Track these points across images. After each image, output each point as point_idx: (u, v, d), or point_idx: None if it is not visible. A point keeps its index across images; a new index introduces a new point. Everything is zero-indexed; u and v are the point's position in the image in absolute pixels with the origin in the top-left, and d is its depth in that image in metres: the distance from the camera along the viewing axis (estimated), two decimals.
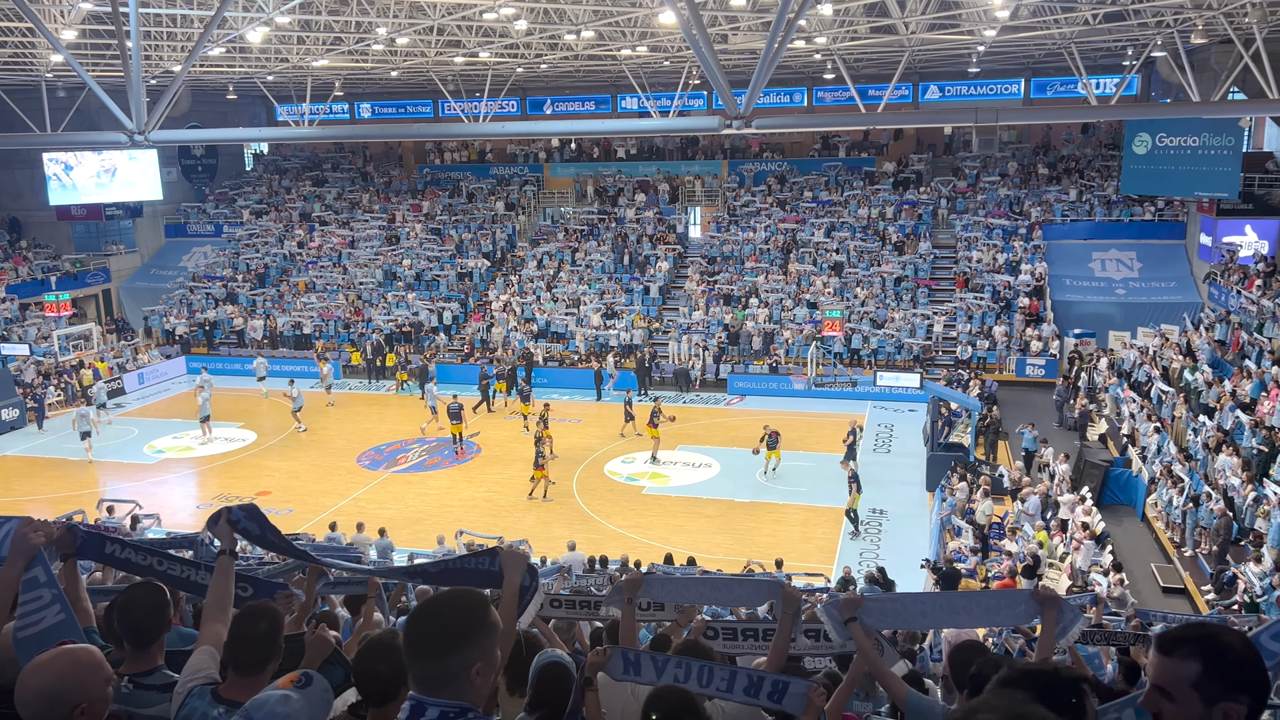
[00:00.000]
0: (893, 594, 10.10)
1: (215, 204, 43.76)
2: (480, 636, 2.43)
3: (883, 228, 35.71)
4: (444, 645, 2.38)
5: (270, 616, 3.18)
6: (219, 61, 28.42)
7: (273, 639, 3.13)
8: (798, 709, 3.52)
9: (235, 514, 3.81)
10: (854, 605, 3.77)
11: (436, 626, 2.40)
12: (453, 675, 2.39)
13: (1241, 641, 2.04)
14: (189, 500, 23.30)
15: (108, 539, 4.24)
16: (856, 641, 3.75)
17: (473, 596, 2.50)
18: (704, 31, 12.70)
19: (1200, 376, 21.90)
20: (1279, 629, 2.61)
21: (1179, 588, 16.59)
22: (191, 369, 35.17)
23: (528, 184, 42.23)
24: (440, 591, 2.52)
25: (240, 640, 3.10)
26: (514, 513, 21.57)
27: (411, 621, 2.45)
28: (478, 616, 2.44)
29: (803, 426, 26.98)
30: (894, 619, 3.96)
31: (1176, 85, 26.38)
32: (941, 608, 4.11)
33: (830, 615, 3.87)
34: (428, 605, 2.47)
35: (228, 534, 3.76)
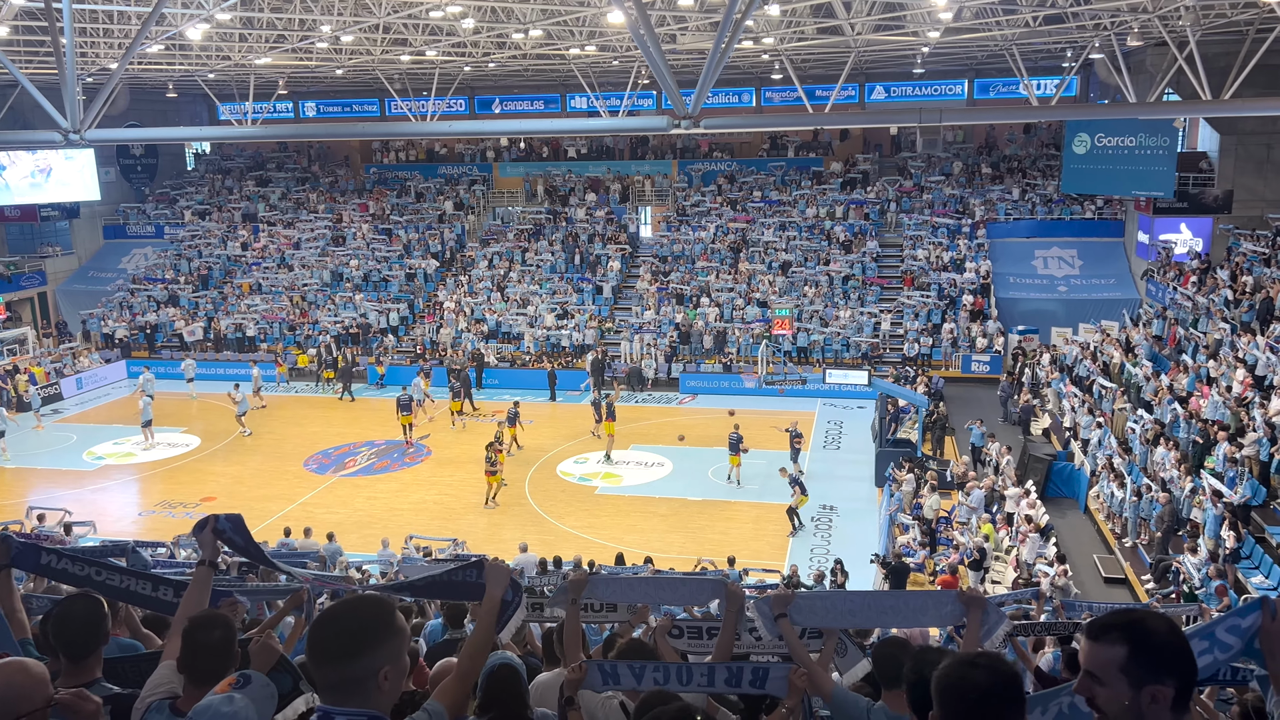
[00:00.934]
0: (822, 591, 10.21)
1: (156, 204, 42.82)
2: (386, 639, 2.39)
3: (830, 227, 36.08)
4: (349, 650, 2.34)
5: (224, 625, 3.12)
6: (158, 59, 27.81)
7: (228, 647, 3.07)
8: (781, 691, 3.56)
9: (221, 524, 3.72)
10: (784, 602, 3.80)
11: (340, 631, 2.36)
12: (359, 681, 2.35)
13: (1167, 626, 2.12)
14: (130, 508, 22.77)
15: (44, 549, 4.13)
16: (786, 638, 3.77)
17: (377, 600, 2.47)
18: (651, 31, 12.73)
19: (1139, 371, 22.45)
20: (1235, 622, 2.66)
21: (1120, 578, 16.98)
22: (132, 373, 34.42)
23: (477, 183, 41.96)
24: (344, 597, 2.48)
25: (195, 650, 3.03)
26: (466, 515, 21.41)
27: (315, 628, 2.40)
28: (383, 620, 2.40)
29: (754, 425, 27.09)
30: (823, 616, 3.99)
31: (1114, 87, 27.02)
32: (870, 607, 4.15)
33: (761, 612, 3.90)
34: (331, 610, 2.43)
35: (211, 543, 3.67)
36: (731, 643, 4.04)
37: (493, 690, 4.00)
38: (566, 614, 4.20)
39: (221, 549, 3.86)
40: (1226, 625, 2.65)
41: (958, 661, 2.22)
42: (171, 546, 16.39)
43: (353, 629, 2.36)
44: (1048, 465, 21.01)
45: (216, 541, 3.69)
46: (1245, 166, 27.40)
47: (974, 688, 2.15)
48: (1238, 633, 2.62)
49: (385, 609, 2.43)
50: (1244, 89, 20.92)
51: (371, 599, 2.48)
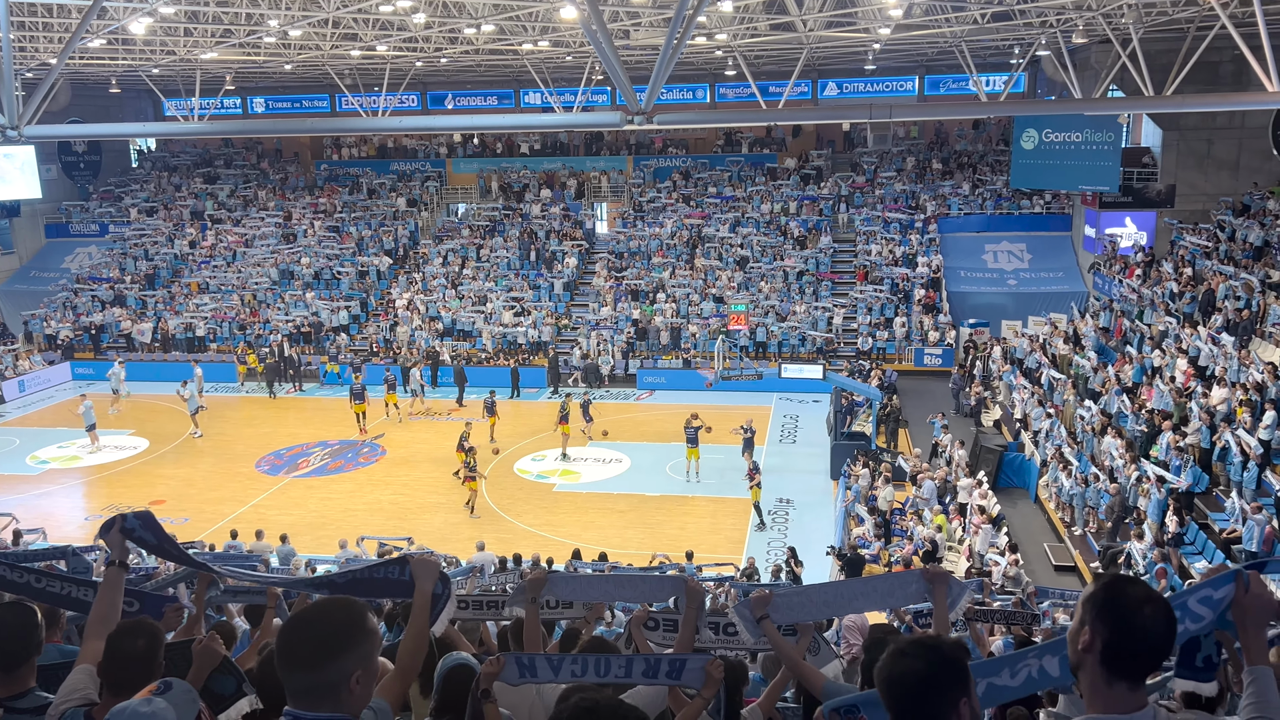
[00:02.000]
0: (797, 587, 10.30)
1: (100, 202, 41.86)
2: (360, 642, 2.36)
3: (785, 223, 36.31)
4: (321, 654, 2.31)
5: (149, 633, 3.04)
6: (100, 53, 27.19)
7: (151, 657, 2.98)
8: (697, 683, 3.55)
9: (129, 522, 3.62)
10: (764, 603, 3.81)
11: (312, 636, 2.32)
12: (332, 686, 2.31)
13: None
14: (77, 512, 22.28)
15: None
16: (770, 638, 3.79)
17: (349, 603, 2.44)
18: (604, 27, 12.70)
19: (1087, 363, 22.89)
20: (1207, 593, 2.69)
21: (1070, 565, 17.32)
22: (77, 375, 33.69)
23: (430, 180, 41.59)
24: (315, 600, 2.44)
25: (116, 659, 2.95)
26: (421, 515, 21.24)
27: (285, 632, 2.36)
28: (355, 623, 2.37)
29: (711, 420, 27.21)
30: (801, 611, 4.02)
31: (1060, 83, 27.50)
32: (842, 595, 4.20)
33: (742, 615, 3.90)
34: (302, 614, 2.39)
35: (119, 544, 3.57)
36: (692, 638, 4.05)
37: (450, 691, 3.96)
38: (526, 613, 4.17)
39: (132, 549, 3.76)
40: (1199, 596, 2.68)
41: (891, 654, 2.27)
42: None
43: (325, 633, 2.33)
44: (999, 456, 21.35)
45: (125, 542, 3.61)
46: (1187, 161, 28.04)
47: (910, 676, 2.20)
48: (1210, 604, 2.65)
49: (357, 612, 2.39)
50: (1185, 86, 21.43)
51: (344, 602, 2.44)
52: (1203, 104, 22.76)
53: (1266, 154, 26.56)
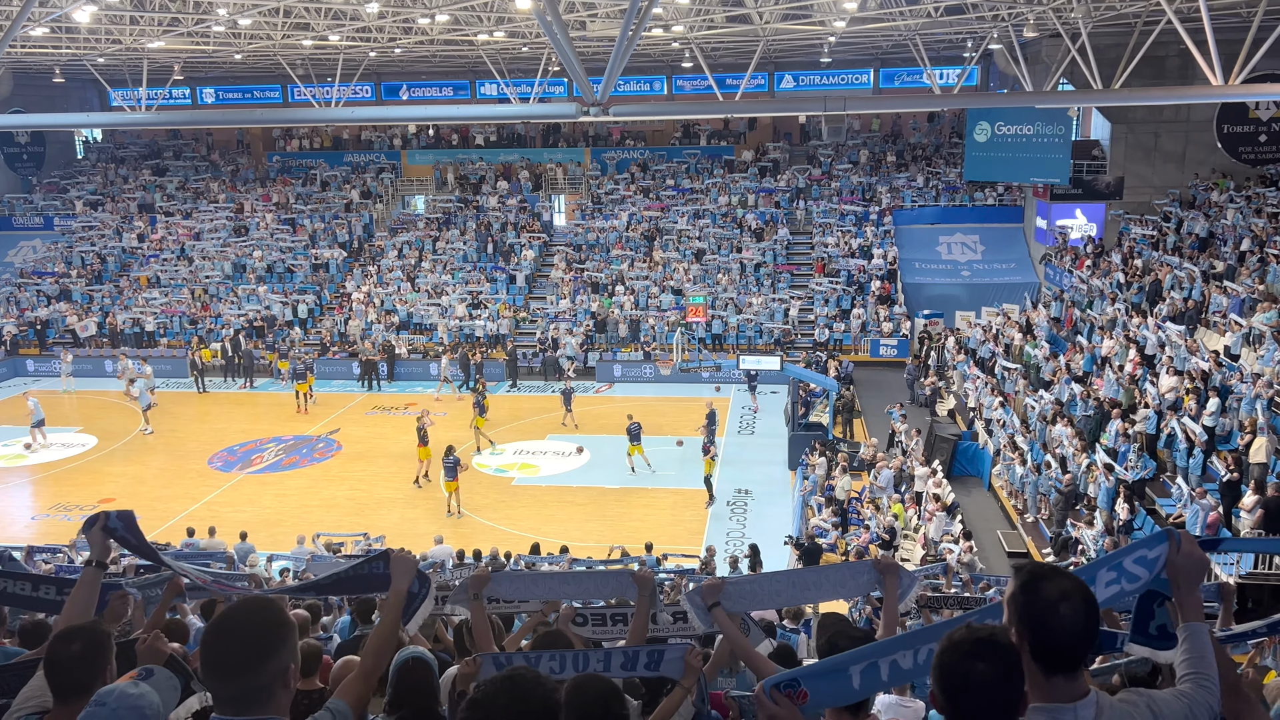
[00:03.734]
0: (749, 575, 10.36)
1: (44, 195, 40.86)
2: (286, 640, 2.34)
3: (742, 215, 36.42)
4: (252, 658, 2.27)
5: (85, 637, 2.92)
6: (43, 42, 26.50)
7: (90, 661, 2.87)
8: (676, 672, 3.57)
9: (112, 521, 3.56)
10: (715, 591, 3.82)
11: (238, 643, 2.28)
12: (265, 687, 2.28)
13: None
14: (23, 511, 21.76)
15: None
16: (721, 626, 3.80)
17: (268, 602, 2.40)
18: (559, 18, 12.63)
19: (1038, 352, 23.25)
20: (1142, 554, 2.74)
21: (1022, 552, 17.60)
22: (19, 372, 32.91)
23: (384, 171, 41.12)
24: (230, 606, 2.39)
25: (55, 664, 2.86)
26: (378, 510, 21.03)
27: (210, 641, 2.30)
28: (279, 621, 2.34)
29: (670, 412, 27.31)
30: (753, 600, 4.04)
31: (1012, 77, 27.87)
32: (795, 584, 4.22)
33: (693, 602, 3.91)
34: (223, 622, 2.33)
35: (100, 542, 3.50)
36: (645, 627, 4.04)
37: (404, 685, 3.91)
38: (472, 610, 4.14)
39: (113, 548, 3.69)
40: (1134, 557, 2.73)
41: (960, 652, 2.18)
42: (69, 551, 15.77)
43: (252, 638, 2.29)
44: (953, 445, 21.62)
45: (108, 541, 3.53)
46: (1135, 154, 28.56)
47: (978, 680, 2.14)
48: (1145, 564, 2.71)
49: (277, 609, 2.36)
50: (1133, 79, 21.80)
51: (258, 601, 2.39)
52: (1150, 97, 23.19)
53: (1212, 147, 27.14)
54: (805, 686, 2.60)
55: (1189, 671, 2.45)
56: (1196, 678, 2.44)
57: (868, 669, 2.68)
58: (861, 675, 2.67)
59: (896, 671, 2.69)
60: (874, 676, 2.68)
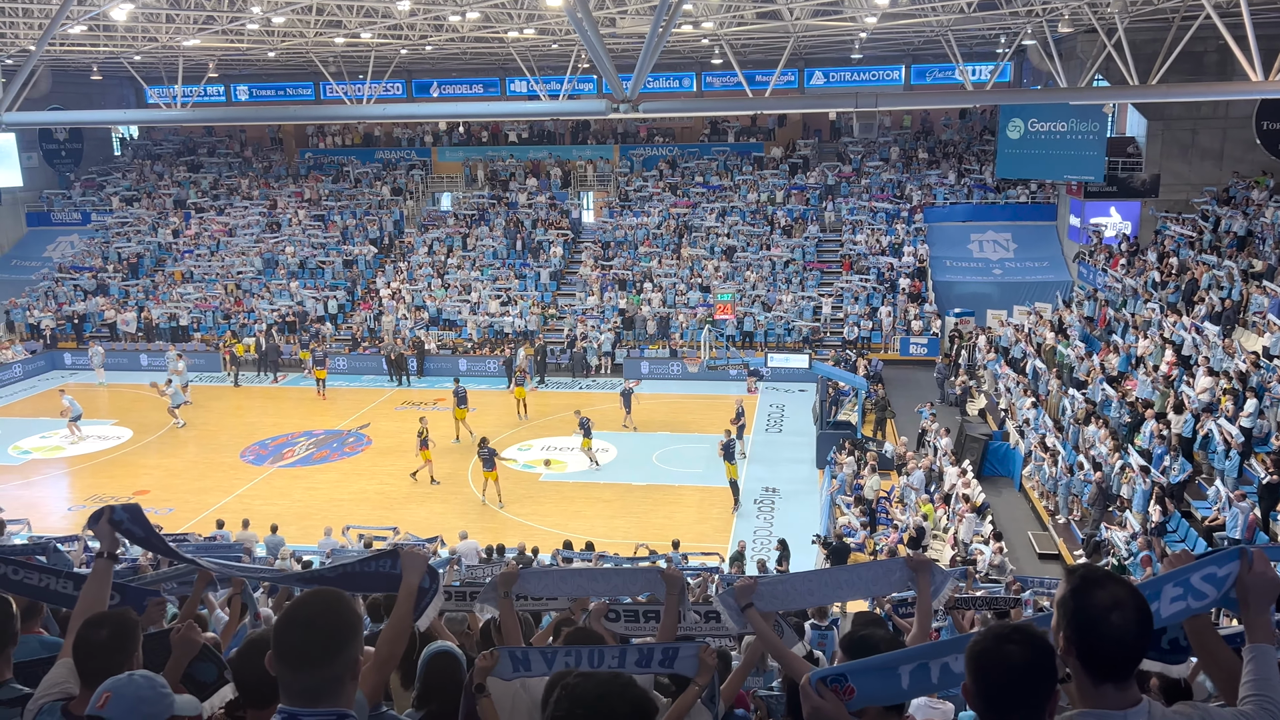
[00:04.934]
0: (781, 575, 10.34)
1: (82, 191, 41.48)
2: (359, 632, 2.38)
3: (771, 212, 36.30)
4: (330, 650, 2.29)
5: (113, 624, 2.98)
6: (81, 40, 26.91)
7: (117, 647, 2.93)
8: (691, 670, 3.56)
9: (118, 514, 3.60)
10: (748, 592, 3.81)
11: (316, 634, 2.29)
12: (336, 679, 2.31)
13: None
14: (60, 502, 22.14)
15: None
16: (755, 627, 3.79)
17: (340, 595, 2.42)
18: (589, 15, 12.64)
19: (1072, 352, 22.99)
20: (1211, 570, 2.68)
21: (1053, 553, 17.43)
22: (57, 365, 33.45)
23: (415, 168, 41.36)
24: (303, 597, 2.41)
25: (83, 649, 2.92)
26: (407, 505, 21.19)
27: (285, 632, 2.32)
28: (352, 613, 2.37)
29: (697, 409, 27.30)
30: (785, 600, 4.03)
31: (1046, 73, 27.54)
32: (827, 584, 4.21)
33: (726, 604, 3.90)
34: (297, 612, 2.35)
35: (108, 535, 3.55)
36: (675, 625, 4.04)
37: (432, 679, 3.95)
38: (500, 608, 4.16)
39: (120, 540, 3.74)
40: (1203, 573, 2.66)
41: (993, 635, 2.20)
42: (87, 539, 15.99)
43: (326, 629, 2.30)
44: (984, 445, 21.43)
45: (114, 533, 3.58)
46: (1171, 151, 28.13)
47: (1009, 660, 2.15)
48: (1214, 581, 2.64)
49: (347, 601, 2.39)
50: (1170, 75, 21.48)
51: (330, 595, 2.41)
52: (1187, 94, 22.81)
53: (1250, 144, 26.66)
54: (853, 682, 2.59)
55: (1253, 693, 2.39)
56: (1260, 699, 2.37)
57: (918, 669, 2.65)
58: (911, 675, 2.65)
59: (948, 674, 2.66)
60: (924, 677, 2.66)
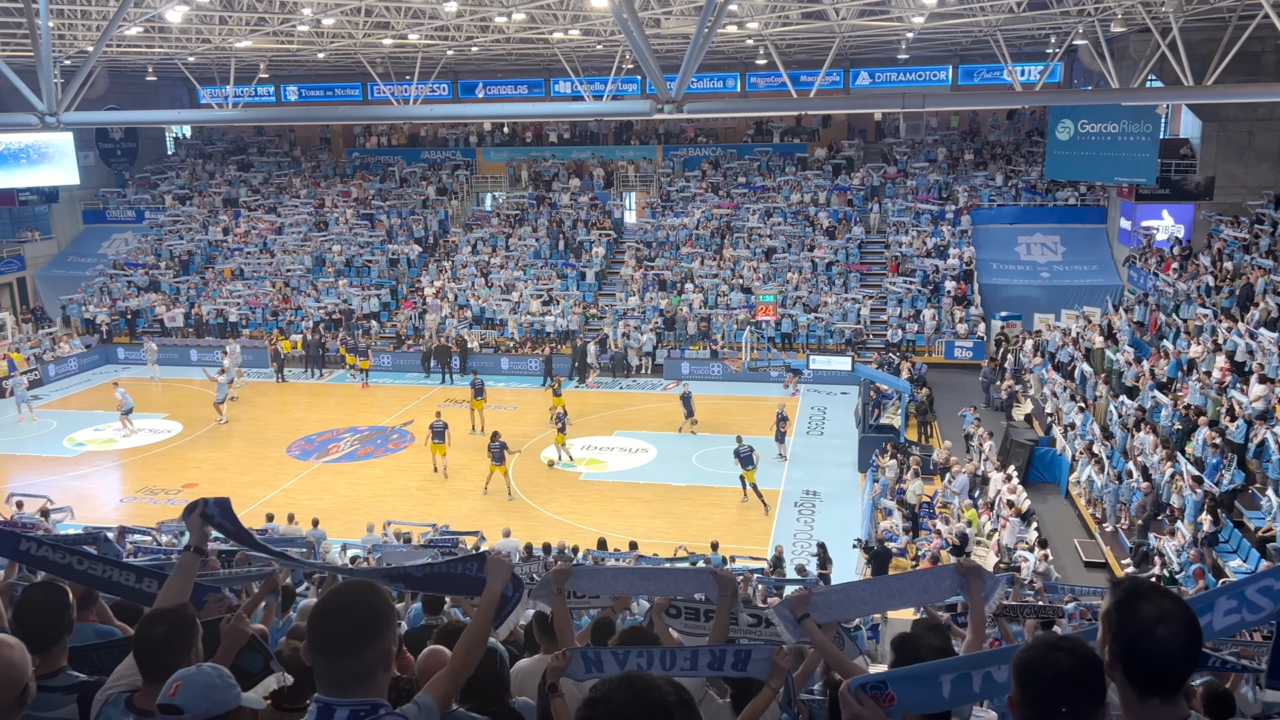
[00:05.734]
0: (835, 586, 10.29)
1: (136, 189, 42.39)
2: (391, 623, 2.39)
3: (815, 213, 36.08)
4: (361, 640, 2.32)
5: (171, 620, 3.01)
6: (137, 41, 27.47)
7: (177, 641, 2.97)
8: (764, 673, 3.56)
9: (210, 508, 3.65)
10: (804, 602, 3.80)
11: (346, 625, 2.32)
12: (368, 670, 2.34)
13: None
14: (112, 494, 22.63)
15: (23, 536, 4.08)
16: (813, 637, 3.78)
17: (373, 586, 2.44)
18: (635, 15, 12.67)
19: (1121, 357, 22.58)
20: (1268, 584, 2.64)
21: (1100, 562, 17.14)
22: (110, 359, 34.19)
23: (460, 168, 41.72)
24: (337, 588, 2.43)
25: (142, 644, 2.96)
26: (449, 501, 21.38)
27: (318, 623, 2.35)
28: (385, 605, 2.39)
29: (737, 410, 27.22)
30: (840, 610, 4.02)
31: (1097, 73, 27.07)
32: (879, 592, 4.20)
33: (782, 615, 3.90)
34: (331, 603, 2.38)
35: (199, 528, 3.60)
36: (727, 627, 4.05)
37: (475, 674, 3.97)
38: (553, 605, 4.18)
39: (210, 534, 3.80)
40: (1259, 586, 2.62)
41: (1041, 644, 2.19)
42: (154, 532, 16.35)
43: (359, 620, 2.34)
44: (1029, 450, 21.14)
45: (205, 526, 3.63)
46: (1227, 153, 27.51)
47: (1056, 670, 2.13)
48: (1271, 595, 2.60)
49: (381, 594, 2.41)
50: (1226, 75, 20.99)
51: (363, 586, 2.43)
52: (1244, 94, 22.28)
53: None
54: (893, 690, 2.57)
55: None
56: None
57: (960, 679, 2.63)
58: (953, 685, 2.62)
59: (990, 684, 2.64)
60: (966, 687, 2.63)
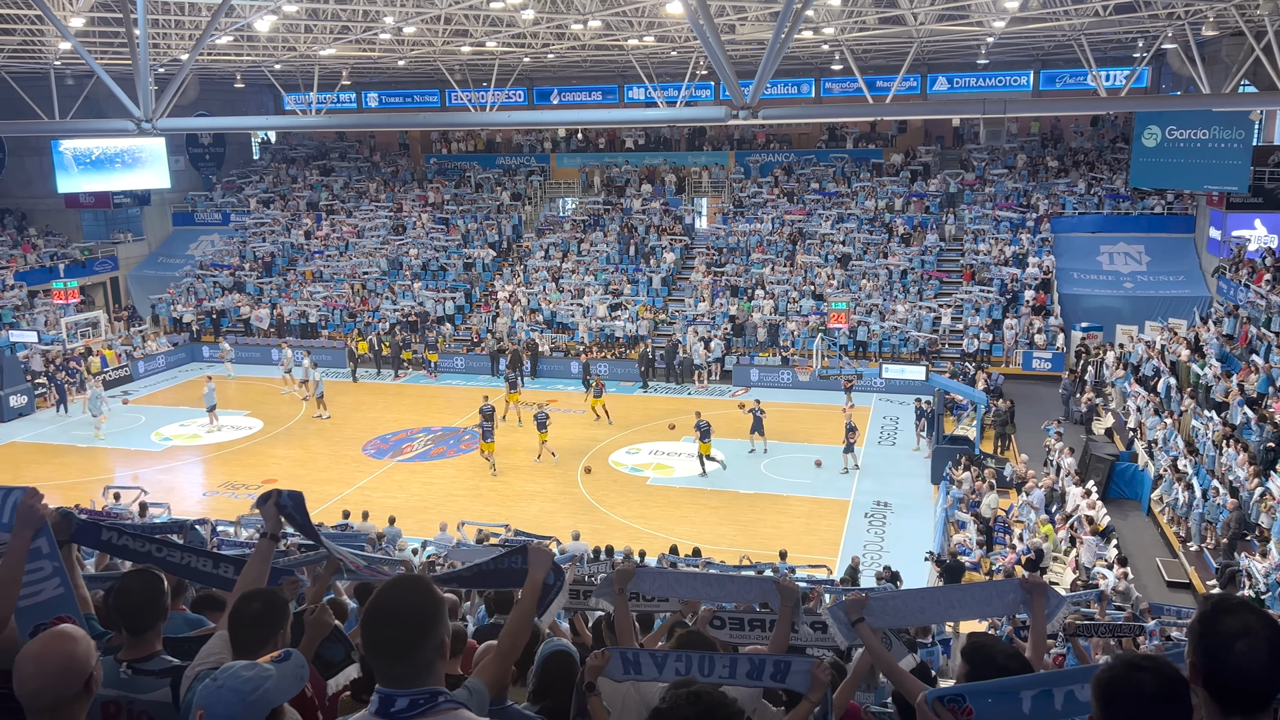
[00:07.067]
0: (893, 591, 10.16)
1: (222, 192, 43.80)
2: (442, 614, 2.44)
3: (889, 220, 35.63)
4: (412, 641, 2.38)
5: (265, 599, 3.16)
6: (227, 50, 28.41)
7: (267, 620, 3.10)
8: (803, 686, 3.54)
9: (284, 500, 3.79)
10: (859, 606, 3.78)
11: (402, 624, 2.38)
12: (425, 664, 2.40)
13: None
14: (196, 488, 23.40)
15: (104, 526, 4.24)
16: (866, 642, 3.76)
17: (419, 582, 2.50)
18: (711, 22, 12.69)
19: (1209, 371, 21.83)
20: None
21: (1184, 582, 16.58)
22: (197, 357, 35.32)
23: (534, 174, 42.20)
24: (384, 589, 2.47)
25: (237, 621, 3.11)
26: (519, 502, 21.61)
27: (371, 625, 2.40)
28: (432, 597, 2.44)
29: (808, 419, 27.01)
30: (896, 616, 3.98)
31: (1187, 78, 26.23)
32: (939, 602, 4.14)
33: (836, 618, 3.88)
34: (381, 606, 2.42)
35: (274, 517, 3.75)
36: (787, 636, 4.04)
37: (548, 677, 4.05)
38: (615, 605, 4.22)
39: (283, 524, 3.93)
40: None
41: (1123, 663, 2.16)
42: (234, 526, 16.85)
43: (410, 619, 2.39)
44: (1110, 465, 20.56)
45: (279, 516, 3.77)
46: None
47: (1140, 690, 2.11)
48: None
49: (429, 588, 2.47)
50: None
51: (410, 584, 2.50)
52: None
53: None
54: (971, 703, 2.55)
55: None
56: None
57: (1041, 695, 2.59)
58: (1034, 701, 2.59)
59: (1073, 703, 2.59)
60: (1047, 704, 2.59)
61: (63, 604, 3.17)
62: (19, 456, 25.68)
